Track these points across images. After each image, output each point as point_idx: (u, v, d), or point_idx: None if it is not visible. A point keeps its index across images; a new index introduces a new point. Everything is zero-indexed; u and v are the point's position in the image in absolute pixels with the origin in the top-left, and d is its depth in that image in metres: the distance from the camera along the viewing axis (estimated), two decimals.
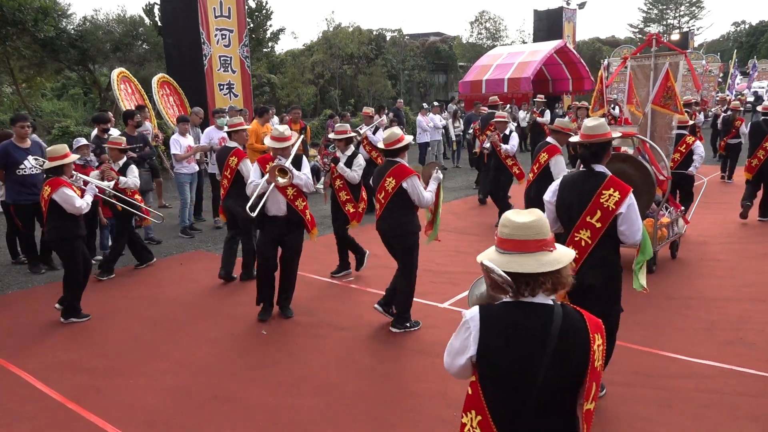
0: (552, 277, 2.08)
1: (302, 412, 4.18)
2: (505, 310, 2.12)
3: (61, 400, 4.40)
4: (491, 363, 2.11)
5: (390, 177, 5.35)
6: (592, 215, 3.90)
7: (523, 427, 2.10)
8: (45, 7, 18.25)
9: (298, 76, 26.85)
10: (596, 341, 2.06)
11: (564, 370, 2.04)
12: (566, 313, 2.08)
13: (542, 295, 2.10)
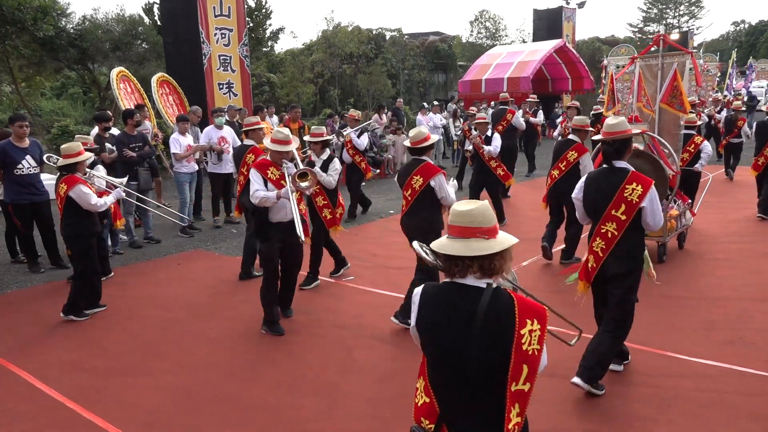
0: (479, 262, 2.19)
1: (302, 411, 4.18)
2: (441, 289, 2.29)
3: (61, 399, 4.39)
4: (426, 335, 2.29)
5: (417, 175, 5.47)
6: (617, 208, 4.18)
7: (453, 398, 2.26)
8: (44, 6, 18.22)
9: (298, 76, 26.84)
10: (527, 326, 2.14)
11: (490, 350, 2.15)
12: (496, 297, 2.18)
13: (473, 278, 2.23)
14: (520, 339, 2.13)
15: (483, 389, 2.21)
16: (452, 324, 2.20)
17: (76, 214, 5.78)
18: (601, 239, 4.26)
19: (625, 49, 23.83)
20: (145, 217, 9.09)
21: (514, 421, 2.23)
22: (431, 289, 2.32)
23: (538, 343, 2.16)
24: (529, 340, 2.14)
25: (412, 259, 7.97)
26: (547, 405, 4.15)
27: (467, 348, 2.16)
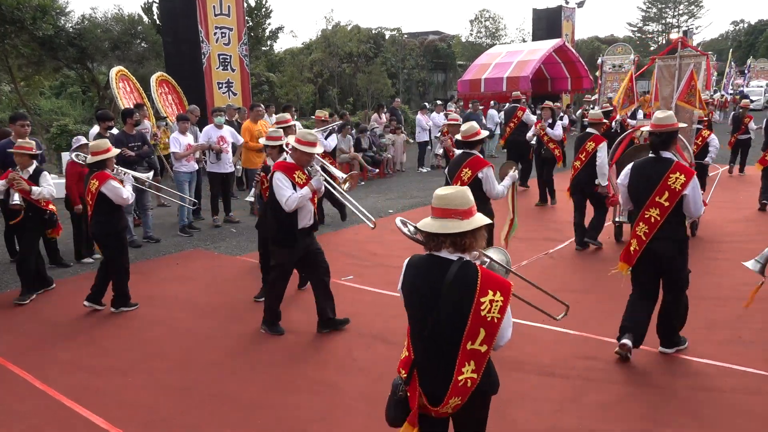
0: (451, 238, 2.58)
1: (301, 410, 4.18)
2: (421, 259, 2.69)
3: (60, 398, 4.40)
4: (406, 296, 2.70)
5: (466, 168, 5.80)
6: (661, 195, 4.52)
7: (422, 350, 2.66)
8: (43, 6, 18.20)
9: (297, 75, 26.82)
10: (488, 295, 2.50)
11: (453, 312, 2.53)
12: (463, 268, 2.55)
13: (446, 252, 2.61)
14: (479, 305, 2.49)
15: (446, 345, 2.57)
16: (425, 288, 2.60)
17: (108, 211, 5.91)
18: (645, 224, 4.58)
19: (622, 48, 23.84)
20: (145, 217, 9.09)
21: (466, 375, 2.56)
22: (414, 259, 2.72)
23: (498, 313, 2.51)
24: (489, 308, 2.50)
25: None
26: (546, 404, 4.16)
27: (435, 308, 2.55)
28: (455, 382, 2.56)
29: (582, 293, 6.34)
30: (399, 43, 32.26)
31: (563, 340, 5.20)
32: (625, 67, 22.57)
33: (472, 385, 2.58)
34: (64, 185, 7.77)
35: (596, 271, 6.93)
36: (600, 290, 6.42)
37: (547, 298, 3.38)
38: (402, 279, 2.73)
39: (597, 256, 7.78)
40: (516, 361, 4.82)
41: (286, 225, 5.22)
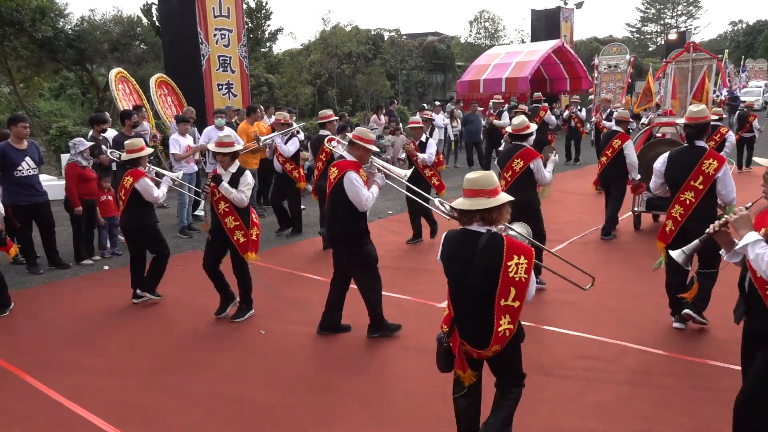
0: (480, 213, 3.12)
1: (300, 410, 4.19)
2: (456, 233, 3.24)
3: (59, 399, 4.40)
4: (445, 264, 3.25)
5: (518, 158, 6.29)
6: (696, 180, 5.03)
7: (461, 308, 3.22)
8: (42, 7, 18.22)
9: (296, 76, 26.83)
10: (513, 259, 3.02)
11: (484, 275, 3.06)
12: (491, 238, 3.09)
13: (477, 225, 3.15)
14: (507, 268, 3.02)
15: (480, 303, 3.10)
16: (461, 257, 3.15)
17: (139, 206, 6.22)
18: (680, 206, 5.09)
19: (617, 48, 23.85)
20: None
21: (504, 327, 3.07)
22: (451, 233, 3.27)
23: (525, 273, 3.03)
24: (516, 269, 3.02)
25: (410, 259, 8.00)
26: (546, 404, 4.17)
27: (469, 273, 3.10)
28: (495, 333, 3.07)
29: (581, 293, 6.32)
30: (398, 44, 32.29)
31: (562, 340, 5.21)
32: (621, 67, 22.57)
33: (510, 334, 3.09)
34: (64, 187, 7.76)
35: (596, 272, 6.92)
36: (599, 290, 6.41)
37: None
38: (440, 250, 3.28)
39: (597, 256, 7.79)
40: None
41: (363, 225, 5.24)
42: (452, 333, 3.27)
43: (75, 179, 7.59)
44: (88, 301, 6.55)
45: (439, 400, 4.25)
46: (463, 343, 3.20)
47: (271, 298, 6.51)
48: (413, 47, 33.60)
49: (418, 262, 7.84)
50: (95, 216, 7.98)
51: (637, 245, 8.24)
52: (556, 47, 25.25)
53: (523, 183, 6.22)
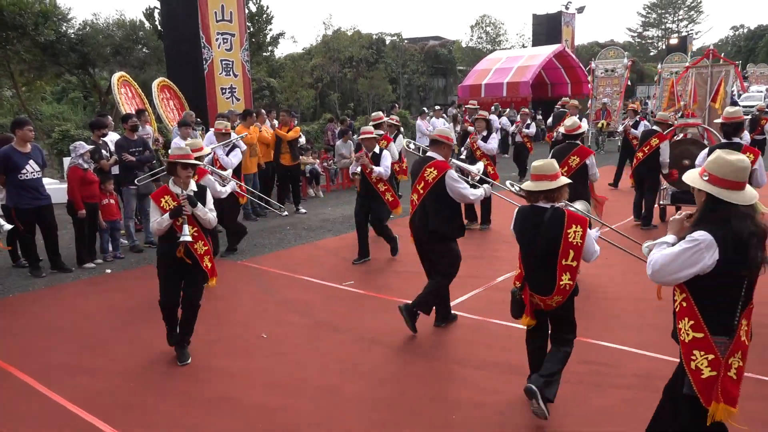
0: (544, 193, 3.93)
1: (301, 414, 4.20)
2: (526, 208, 4.05)
3: (61, 401, 4.41)
4: (517, 234, 4.05)
5: (574, 155, 7.10)
6: None
7: (533, 272, 3.98)
8: (45, 11, 18.31)
9: (298, 80, 26.90)
10: (572, 228, 3.81)
11: (549, 241, 3.85)
12: (554, 212, 3.89)
13: (542, 202, 3.95)
14: (567, 235, 3.81)
15: (546, 263, 3.88)
16: (530, 227, 3.95)
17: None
18: None
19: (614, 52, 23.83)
20: (146, 222, 9.11)
21: (565, 281, 3.86)
22: (522, 209, 4.09)
23: (580, 239, 3.82)
24: (574, 236, 3.82)
25: (410, 263, 7.99)
26: (549, 409, 4.17)
27: (537, 240, 3.89)
28: (558, 285, 3.86)
29: (582, 299, 6.34)
30: (399, 49, 32.36)
31: None
32: (618, 71, 22.54)
33: (569, 288, 3.88)
34: (66, 190, 7.78)
35: (596, 276, 6.95)
36: (600, 295, 6.44)
37: None
38: (513, 222, 4.08)
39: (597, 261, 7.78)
40: (517, 365, 4.83)
41: (459, 218, 5.56)
42: (523, 288, 4.03)
43: (77, 182, 7.61)
44: (90, 304, 6.56)
45: (440, 405, 4.26)
46: (532, 295, 4.00)
47: (271, 302, 6.52)
48: (415, 51, 33.68)
49: (417, 266, 7.82)
50: (97, 219, 7.99)
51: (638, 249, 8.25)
52: (557, 52, 25.30)
53: (580, 178, 6.93)
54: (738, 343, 2.87)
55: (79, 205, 7.62)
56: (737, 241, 2.76)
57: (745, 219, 2.79)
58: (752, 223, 2.78)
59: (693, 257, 2.77)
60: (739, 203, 2.80)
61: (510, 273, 7.26)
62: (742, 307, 2.85)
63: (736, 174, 2.80)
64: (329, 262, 8.00)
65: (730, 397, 2.87)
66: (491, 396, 4.38)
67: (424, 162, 5.45)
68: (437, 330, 5.63)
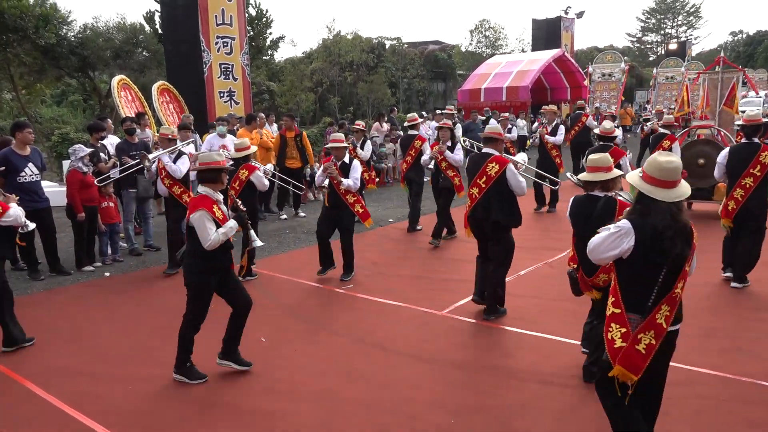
0: (600, 183, 4.45)
1: (300, 418, 4.19)
2: (581, 197, 4.58)
3: (60, 405, 4.41)
4: (572, 219, 4.57)
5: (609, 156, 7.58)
6: (755, 168, 6.50)
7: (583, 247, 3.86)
8: (46, 15, 18.33)
9: (297, 84, 26.94)
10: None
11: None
12: (607, 201, 4.27)
13: (597, 192, 4.46)
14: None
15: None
16: (584, 213, 4.38)
17: (250, 195, 7.28)
18: (741, 189, 6.56)
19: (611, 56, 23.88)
20: (146, 225, 9.11)
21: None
22: (577, 197, 4.58)
23: None
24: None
25: (410, 267, 8.01)
26: (546, 414, 4.17)
27: (589, 225, 3.98)
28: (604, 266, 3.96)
29: (581, 303, 6.34)
30: (399, 53, 32.42)
31: (563, 349, 5.21)
32: (615, 75, 22.54)
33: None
34: (65, 193, 7.79)
35: None
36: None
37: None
38: (569, 209, 4.59)
39: None
40: (515, 370, 4.83)
41: (518, 208, 5.92)
42: (579, 268, 4.47)
43: (76, 185, 7.61)
44: (89, 307, 6.56)
45: (439, 409, 4.26)
46: (582, 275, 4.45)
47: (270, 306, 6.51)
48: (414, 56, 33.73)
49: (418, 270, 7.85)
50: (96, 222, 7.99)
51: None
52: (556, 56, 25.35)
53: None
54: (651, 322, 3.20)
55: (79, 208, 7.62)
56: (654, 231, 3.12)
57: (664, 213, 3.13)
58: (671, 218, 3.11)
59: (615, 242, 3.26)
60: (661, 199, 3.14)
61: (509, 278, 7.26)
62: (660, 293, 3.17)
63: (661, 173, 3.16)
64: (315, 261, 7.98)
65: (634, 366, 3.21)
66: (491, 400, 4.38)
67: (484, 158, 5.88)
68: (437, 334, 5.62)
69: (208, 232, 4.53)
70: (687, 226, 3.14)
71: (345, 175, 7.12)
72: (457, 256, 8.43)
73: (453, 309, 6.27)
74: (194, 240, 4.59)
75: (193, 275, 4.70)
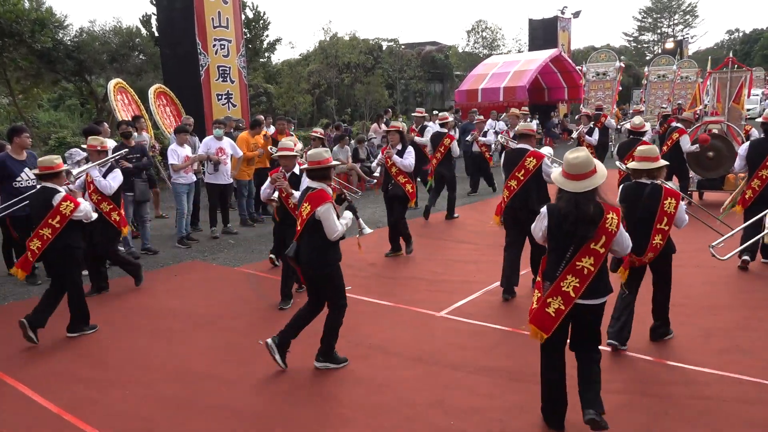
0: (646, 172, 4.98)
1: (299, 420, 4.17)
2: (631, 184, 5.09)
3: (57, 411, 4.38)
4: (622, 203, 4.65)
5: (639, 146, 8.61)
6: None
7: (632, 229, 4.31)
8: (42, 19, 18.29)
9: (295, 86, 26.93)
10: (667, 200, 4.88)
11: (650, 209, 4.90)
12: (653, 187, 4.94)
13: (644, 179, 5.00)
14: (663, 205, 4.89)
15: (644, 227, 4.90)
16: (633, 198, 4.95)
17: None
18: (758, 180, 7.15)
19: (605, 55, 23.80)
20: (143, 228, 9.09)
21: (657, 241, 4.94)
22: (627, 184, 5.12)
23: (674, 209, 4.88)
24: (668, 206, 4.89)
25: (408, 268, 8.00)
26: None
27: (637, 208, 4.89)
28: (651, 244, 4.91)
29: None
30: (396, 54, 32.42)
31: None
32: (610, 74, 22.47)
33: (660, 247, 4.93)
34: None
35: None
36: None
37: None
38: (619, 196, 5.07)
39: None
40: (514, 371, 4.82)
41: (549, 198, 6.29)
42: None
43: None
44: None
45: (438, 411, 4.24)
46: (631, 255, 4.74)
47: (268, 308, 6.49)
48: (412, 57, 33.73)
49: (416, 271, 7.84)
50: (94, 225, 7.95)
51: None
52: (553, 56, 25.35)
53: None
54: (557, 289, 3.80)
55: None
56: (559, 215, 3.77)
57: (568, 201, 3.72)
58: (574, 205, 3.68)
59: (538, 223, 4.03)
60: (569, 190, 3.73)
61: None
62: (566, 265, 3.78)
63: (569, 168, 3.74)
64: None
65: (544, 326, 3.86)
66: (489, 401, 4.36)
67: (522, 153, 6.58)
68: (435, 335, 5.61)
69: (337, 223, 4.79)
70: (590, 212, 3.66)
71: (296, 187, 6.24)
72: (454, 257, 8.42)
73: (451, 310, 6.26)
74: (318, 233, 4.79)
75: (327, 266, 4.93)
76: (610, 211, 3.73)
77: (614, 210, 3.76)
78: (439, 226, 10.68)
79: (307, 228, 4.83)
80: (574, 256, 3.76)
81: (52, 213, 5.53)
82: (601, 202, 3.75)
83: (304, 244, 4.92)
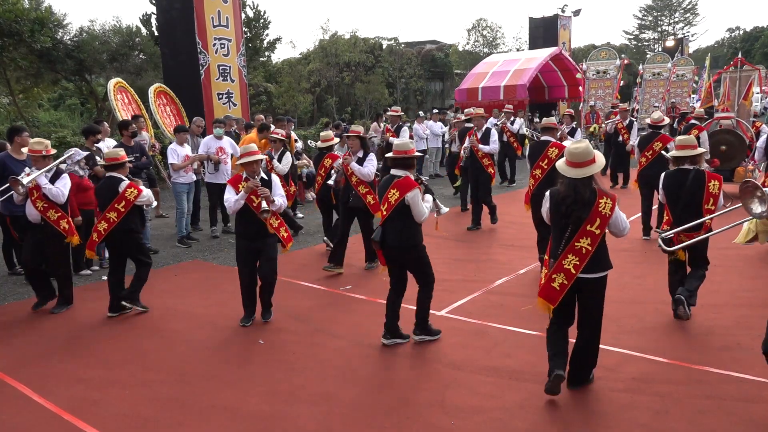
0: (689, 158, 5.59)
1: (299, 420, 4.17)
2: (672, 171, 5.70)
3: (57, 411, 4.38)
4: (666, 191, 5.66)
5: (658, 141, 8.79)
6: None
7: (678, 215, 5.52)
8: (42, 18, 18.29)
9: (295, 85, 26.92)
10: (711, 182, 5.43)
11: (694, 192, 5.44)
12: (696, 173, 5.50)
13: (686, 165, 5.59)
14: (708, 188, 5.40)
15: (690, 209, 5.46)
16: (676, 184, 5.55)
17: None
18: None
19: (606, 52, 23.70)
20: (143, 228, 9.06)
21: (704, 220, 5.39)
22: (669, 171, 5.74)
23: (718, 190, 5.40)
24: (713, 187, 5.42)
25: None
26: (546, 413, 4.15)
27: (681, 192, 5.50)
28: (704, 224, 5.36)
29: None
30: (396, 53, 32.41)
31: None
32: (610, 72, 22.36)
33: (709, 224, 5.48)
34: None
35: None
36: None
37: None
38: (661, 182, 5.67)
39: None
40: (515, 370, 4.81)
41: None
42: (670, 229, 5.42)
43: (73, 189, 7.56)
44: (86, 311, 6.52)
45: (438, 410, 4.23)
46: (679, 234, 5.34)
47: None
48: (412, 55, 33.73)
49: None
50: (93, 226, 7.95)
51: (638, 252, 8.23)
52: (553, 55, 25.30)
53: (660, 159, 8.45)
54: (560, 267, 4.21)
55: (75, 212, 7.58)
56: (558, 198, 4.21)
57: (567, 185, 4.15)
58: (573, 190, 4.11)
59: (544, 205, 4.44)
60: (570, 176, 4.15)
61: (507, 277, 7.26)
62: (566, 244, 4.18)
63: (570, 156, 4.17)
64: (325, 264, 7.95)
65: (550, 297, 4.26)
66: (490, 401, 4.35)
67: (545, 144, 7.31)
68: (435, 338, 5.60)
69: (424, 207, 5.16)
70: (586, 196, 4.09)
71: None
72: (455, 256, 8.41)
73: (452, 309, 6.25)
74: (407, 216, 5.15)
75: (416, 245, 5.25)
76: (603, 196, 4.16)
77: (608, 196, 4.17)
78: (440, 225, 10.66)
79: (395, 212, 5.15)
80: (573, 237, 4.16)
81: (118, 198, 6.15)
82: (596, 188, 4.17)
83: (392, 228, 5.19)
